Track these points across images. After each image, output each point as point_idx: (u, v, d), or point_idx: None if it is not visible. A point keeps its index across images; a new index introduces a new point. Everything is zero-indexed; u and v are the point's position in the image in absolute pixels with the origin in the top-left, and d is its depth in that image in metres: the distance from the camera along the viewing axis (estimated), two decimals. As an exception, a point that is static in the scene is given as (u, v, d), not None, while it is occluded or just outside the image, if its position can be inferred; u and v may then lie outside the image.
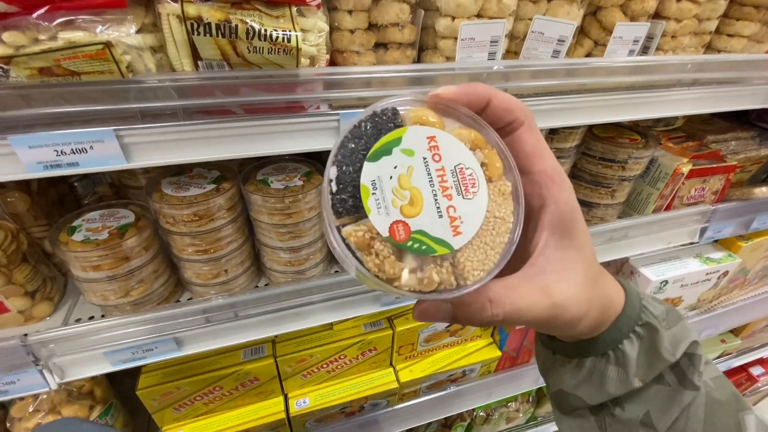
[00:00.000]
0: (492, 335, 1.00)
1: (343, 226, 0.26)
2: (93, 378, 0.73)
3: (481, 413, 1.21)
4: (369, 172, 0.26)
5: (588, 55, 0.67)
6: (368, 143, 0.27)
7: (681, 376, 0.30)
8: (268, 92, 0.49)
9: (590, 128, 0.87)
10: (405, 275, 0.26)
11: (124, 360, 0.64)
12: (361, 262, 0.26)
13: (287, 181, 0.64)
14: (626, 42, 0.66)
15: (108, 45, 0.39)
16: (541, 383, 1.11)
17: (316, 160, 0.73)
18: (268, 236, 0.67)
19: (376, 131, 0.27)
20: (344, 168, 0.26)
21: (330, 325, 0.83)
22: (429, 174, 0.27)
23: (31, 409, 0.68)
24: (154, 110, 0.47)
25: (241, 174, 0.65)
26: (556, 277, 0.28)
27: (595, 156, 0.86)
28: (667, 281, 1.02)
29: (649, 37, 0.68)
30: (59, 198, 0.76)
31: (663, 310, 0.32)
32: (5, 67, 0.39)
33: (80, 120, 0.46)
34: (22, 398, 0.68)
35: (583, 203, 0.91)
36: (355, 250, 0.26)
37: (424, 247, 0.26)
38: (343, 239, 0.26)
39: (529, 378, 1.08)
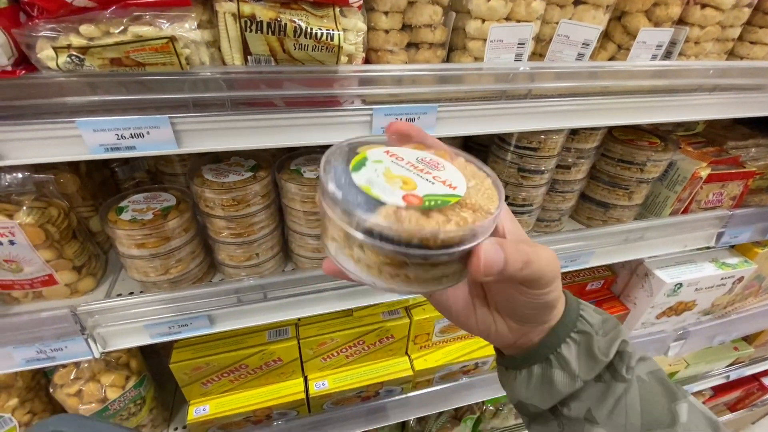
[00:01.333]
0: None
1: (367, 221, 0.27)
2: (129, 351, 0.78)
3: (491, 407, 1.24)
4: (358, 177, 0.29)
5: (611, 58, 0.69)
6: (345, 163, 0.30)
7: (613, 371, 0.35)
8: (309, 87, 0.53)
9: (610, 130, 0.89)
10: (444, 225, 0.27)
11: (162, 333, 0.68)
12: (400, 241, 0.26)
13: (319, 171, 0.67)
14: (649, 47, 0.68)
15: (172, 39, 0.43)
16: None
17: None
18: (298, 223, 0.71)
19: (345, 157, 0.31)
20: (339, 179, 0.29)
21: (350, 311, 0.87)
22: (403, 167, 0.31)
23: (72, 377, 0.73)
24: (205, 100, 0.51)
25: (275, 164, 0.69)
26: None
27: (614, 158, 0.87)
28: (681, 284, 1.03)
29: (672, 43, 0.70)
30: (102, 181, 0.81)
31: (600, 319, 0.36)
32: (81, 56, 0.43)
33: (136, 107, 0.50)
34: (64, 366, 0.73)
35: (600, 204, 0.93)
36: (390, 224, 0.26)
37: (439, 201, 0.28)
38: (379, 227, 0.26)
39: (540, 374, 1.10)
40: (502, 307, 0.35)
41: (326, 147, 0.80)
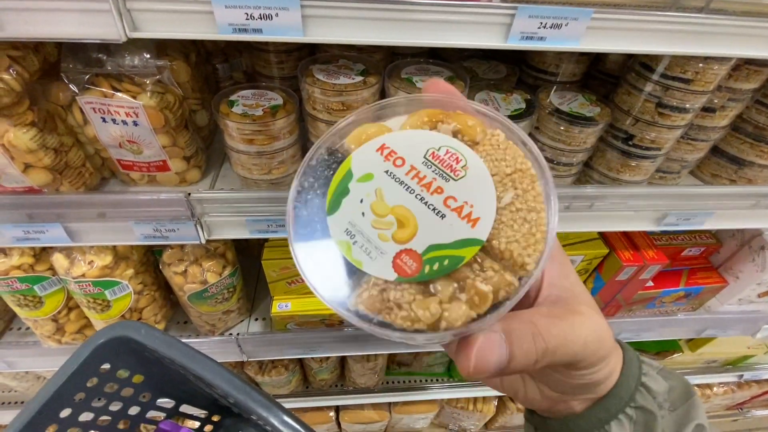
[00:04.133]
0: (584, 282, 0.98)
1: (347, 303, 0.21)
2: (225, 243, 0.83)
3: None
4: (336, 225, 0.22)
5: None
6: (325, 184, 0.23)
7: None
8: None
9: (774, 71, 0.73)
10: (448, 308, 0.20)
11: (260, 230, 0.72)
12: (390, 326, 0.20)
13: (432, 82, 0.62)
14: None
15: None
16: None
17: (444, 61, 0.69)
18: (398, 139, 0.68)
19: (323, 181, 0.24)
20: (312, 226, 0.23)
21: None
22: (401, 182, 0.23)
23: (178, 258, 0.80)
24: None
25: (385, 70, 0.65)
26: (585, 314, 0.24)
27: (771, 105, 0.73)
28: (803, 264, 0.90)
29: None
30: (205, 77, 0.81)
31: (666, 387, 0.28)
32: None
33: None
34: (171, 247, 0.80)
35: (733, 160, 0.80)
36: (375, 317, 0.21)
37: (446, 262, 0.20)
38: (358, 314, 0.21)
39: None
40: (534, 374, 0.28)
41: (457, 51, 0.73)
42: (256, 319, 1.02)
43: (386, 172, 0.23)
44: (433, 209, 0.22)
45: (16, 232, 0.68)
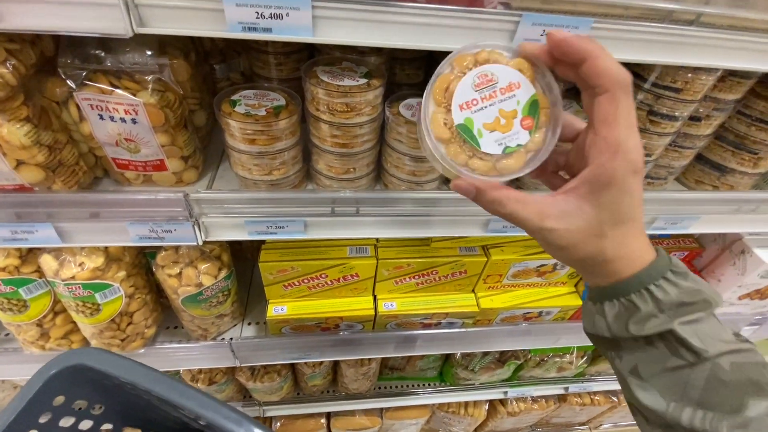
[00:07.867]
0: (576, 285, 1.01)
1: None
2: (221, 245, 0.82)
3: (536, 357, 1.26)
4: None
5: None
6: None
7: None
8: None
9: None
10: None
11: (259, 231, 0.71)
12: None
13: (435, 86, 0.63)
14: None
15: None
16: (608, 341, 1.12)
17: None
18: (399, 140, 0.68)
19: None
20: None
21: (429, 241, 0.87)
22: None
23: (172, 260, 0.78)
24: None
25: (387, 73, 0.65)
26: (558, 214, 0.35)
27: (751, 116, 0.77)
28: (781, 267, 0.95)
29: None
30: (203, 78, 0.80)
31: (677, 298, 0.33)
32: None
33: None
34: (165, 249, 0.78)
35: (716, 167, 0.84)
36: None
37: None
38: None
39: (599, 333, 1.09)
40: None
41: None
42: (249, 324, 1.00)
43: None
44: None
45: (3, 232, 0.65)
